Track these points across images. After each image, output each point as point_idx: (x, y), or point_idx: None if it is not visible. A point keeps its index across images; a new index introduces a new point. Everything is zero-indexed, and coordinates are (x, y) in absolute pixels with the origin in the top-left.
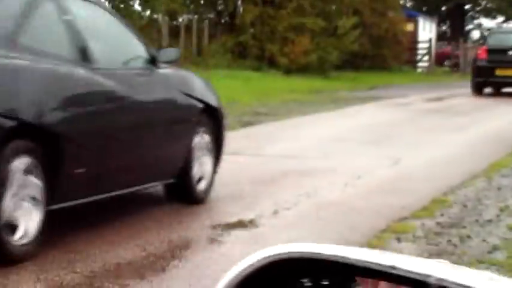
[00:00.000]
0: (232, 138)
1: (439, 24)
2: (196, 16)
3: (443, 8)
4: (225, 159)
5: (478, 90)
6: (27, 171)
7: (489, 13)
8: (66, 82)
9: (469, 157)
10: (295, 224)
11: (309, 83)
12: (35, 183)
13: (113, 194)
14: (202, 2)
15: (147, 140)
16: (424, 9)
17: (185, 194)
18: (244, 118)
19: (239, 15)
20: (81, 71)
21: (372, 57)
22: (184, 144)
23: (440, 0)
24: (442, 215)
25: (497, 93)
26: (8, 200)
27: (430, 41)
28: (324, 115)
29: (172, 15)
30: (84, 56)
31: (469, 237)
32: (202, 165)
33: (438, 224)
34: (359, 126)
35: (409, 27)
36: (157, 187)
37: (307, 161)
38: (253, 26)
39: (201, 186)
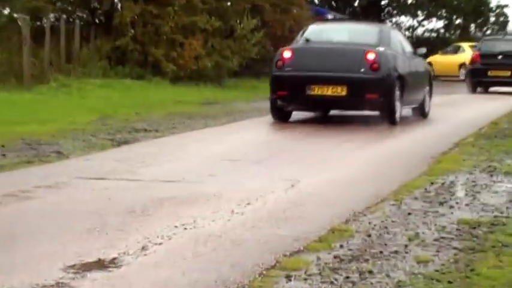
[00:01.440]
0: (103, 161)
1: None
2: (64, 16)
3: (355, 4)
4: (91, 185)
5: (474, 89)
6: None
7: (408, 9)
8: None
9: (376, 177)
10: (166, 262)
11: (200, 93)
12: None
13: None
14: None
15: None
16: (334, 5)
17: None
18: (119, 136)
19: (117, 15)
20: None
21: None
22: None
23: None
24: (341, 246)
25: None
26: None
27: None
28: (215, 130)
29: (36, 15)
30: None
31: (370, 272)
32: None
33: (336, 257)
34: (255, 142)
35: None
36: None
37: (189, 186)
38: (134, 27)
39: None
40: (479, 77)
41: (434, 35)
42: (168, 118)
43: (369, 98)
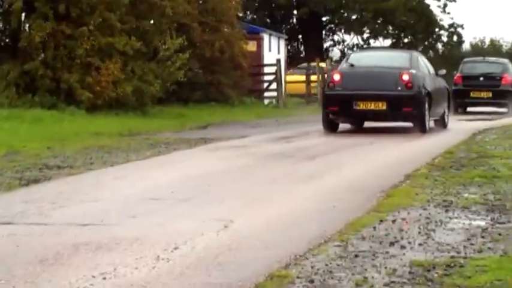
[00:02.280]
0: (9, 203)
1: (289, 42)
2: None
3: (294, 21)
4: None
5: (456, 109)
6: None
7: (352, 27)
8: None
9: (320, 215)
10: None
11: (120, 123)
12: None
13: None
14: None
15: None
16: (270, 23)
17: None
18: (28, 174)
19: (24, 35)
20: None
21: (204, 86)
22: None
23: (290, 10)
24: None
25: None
26: None
27: (278, 63)
28: (137, 165)
29: None
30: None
31: None
32: None
33: None
34: (182, 178)
35: (251, 46)
36: None
37: (108, 229)
38: (45, 49)
39: None
40: (462, 98)
41: None
42: (85, 153)
43: (405, 111)
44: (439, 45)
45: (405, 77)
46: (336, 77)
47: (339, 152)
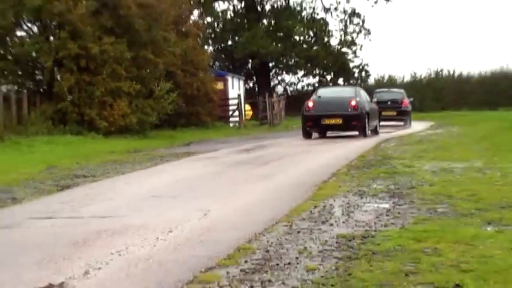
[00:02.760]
0: (50, 203)
1: (246, 81)
2: (15, 86)
3: (249, 66)
4: (41, 223)
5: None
6: None
7: (290, 69)
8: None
9: (272, 203)
10: (105, 283)
11: (128, 144)
12: None
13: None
14: (20, 72)
15: None
16: (232, 68)
17: None
18: (62, 182)
19: (57, 84)
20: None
21: (187, 115)
22: None
23: (246, 60)
24: (245, 261)
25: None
26: None
27: (239, 97)
28: (140, 173)
29: None
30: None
31: (270, 281)
32: None
33: (242, 271)
34: (173, 181)
35: (219, 85)
36: None
37: (120, 219)
38: (71, 93)
39: None
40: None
41: (311, 88)
42: (103, 165)
43: (353, 124)
44: (353, 80)
45: (353, 103)
46: (310, 104)
47: (286, 158)
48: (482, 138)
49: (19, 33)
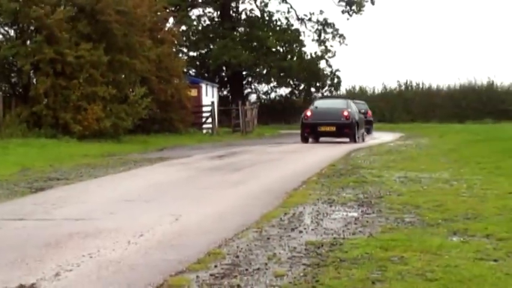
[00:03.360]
0: (23, 205)
1: (220, 89)
2: None
3: (223, 74)
4: (13, 225)
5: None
6: None
7: (263, 78)
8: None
9: (243, 210)
10: (75, 285)
11: (102, 148)
12: None
13: None
14: None
15: None
16: (206, 75)
17: None
18: (36, 184)
19: (33, 87)
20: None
21: (160, 120)
22: None
23: (220, 68)
24: (215, 266)
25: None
26: None
27: (212, 104)
28: (114, 177)
29: None
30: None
31: (239, 286)
32: None
33: (212, 275)
34: (146, 186)
35: (193, 92)
36: None
37: (93, 222)
38: (47, 96)
39: None
40: None
41: (283, 97)
42: (76, 169)
43: (345, 131)
44: (325, 88)
45: (345, 113)
46: (308, 113)
47: (258, 165)
48: (450, 150)
49: None
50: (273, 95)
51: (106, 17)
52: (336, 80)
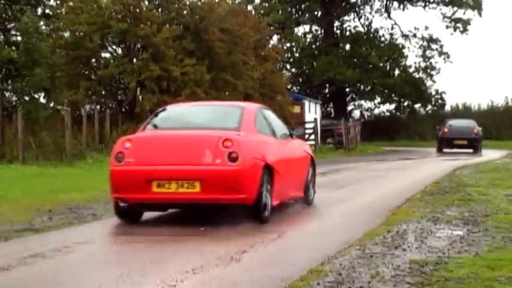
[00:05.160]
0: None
1: (323, 105)
2: (98, 106)
3: (326, 91)
4: (120, 240)
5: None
6: None
7: (366, 95)
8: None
9: (345, 227)
10: None
11: None
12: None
13: None
14: (103, 92)
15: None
16: (309, 92)
17: None
18: None
19: (138, 104)
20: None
21: None
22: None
23: (323, 85)
24: (318, 284)
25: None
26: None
27: (315, 120)
28: None
29: (75, 106)
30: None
31: None
32: None
33: None
34: None
35: (296, 109)
36: None
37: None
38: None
39: None
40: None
41: (388, 114)
42: None
43: (474, 144)
44: (429, 106)
45: (475, 130)
46: (446, 130)
47: (361, 182)
48: None
49: (104, 54)
50: (376, 111)
51: (210, 35)
52: (440, 102)
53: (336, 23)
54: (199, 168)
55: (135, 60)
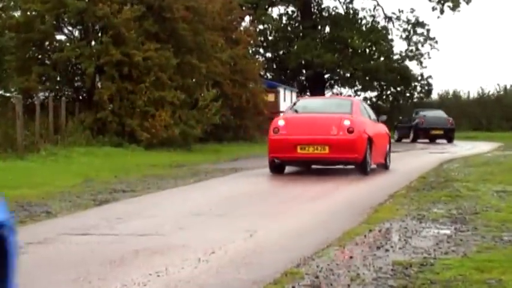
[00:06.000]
0: (86, 218)
1: (300, 93)
2: (52, 93)
3: (302, 78)
4: (76, 240)
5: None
6: None
7: (346, 82)
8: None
9: (323, 226)
10: None
11: (171, 157)
12: None
13: None
14: (58, 78)
15: None
16: (284, 78)
17: None
18: (101, 196)
19: (97, 92)
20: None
21: (234, 128)
22: None
23: (299, 71)
24: (293, 287)
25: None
26: None
27: None
28: (183, 189)
29: (27, 93)
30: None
31: None
32: None
33: None
34: (218, 198)
35: (271, 97)
36: None
37: (161, 238)
38: (112, 102)
39: None
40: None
41: (368, 102)
42: (143, 180)
43: (449, 135)
44: (415, 94)
45: (450, 121)
46: (422, 121)
47: (341, 176)
48: None
49: (59, 37)
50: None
51: (173, 13)
52: (426, 88)
53: (314, 3)
54: (328, 137)
55: (93, 43)
